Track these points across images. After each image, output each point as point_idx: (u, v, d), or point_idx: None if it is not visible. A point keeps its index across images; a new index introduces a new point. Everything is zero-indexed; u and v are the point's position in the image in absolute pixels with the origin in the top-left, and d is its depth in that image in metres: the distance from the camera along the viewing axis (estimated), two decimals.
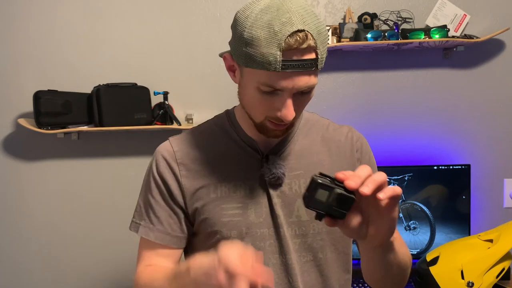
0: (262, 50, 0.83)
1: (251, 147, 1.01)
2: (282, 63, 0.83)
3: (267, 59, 0.83)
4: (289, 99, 0.87)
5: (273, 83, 0.85)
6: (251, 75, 0.88)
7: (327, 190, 0.73)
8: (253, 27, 0.84)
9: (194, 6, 1.97)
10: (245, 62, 0.87)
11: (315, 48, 0.85)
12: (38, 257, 2.03)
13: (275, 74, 0.84)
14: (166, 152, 1.03)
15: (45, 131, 1.81)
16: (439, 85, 1.99)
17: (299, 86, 0.86)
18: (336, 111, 1.99)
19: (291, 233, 1.00)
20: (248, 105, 0.94)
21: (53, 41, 1.96)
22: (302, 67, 0.84)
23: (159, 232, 1.02)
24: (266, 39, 0.83)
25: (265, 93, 0.88)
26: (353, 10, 1.94)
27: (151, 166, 1.05)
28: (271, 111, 0.90)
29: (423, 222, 1.87)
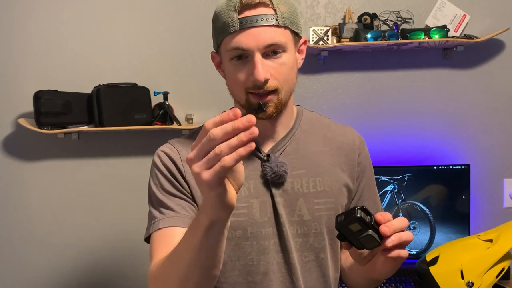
0: (223, 18, 0.91)
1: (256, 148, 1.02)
2: (239, 21, 0.89)
3: (227, 23, 0.90)
4: (257, 57, 0.90)
5: (235, 43, 0.90)
6: (223, 50, 0.94)
7: (362, 226, 0.80)
8: (217, 8, 0.94)
9: (194, 6, 1.97)
10: (216, 40, 0.94)
11: (271, 4, 0.90)
12: (39, 256, 2.03)
13: (235, 34, 0.89)
14: (170, 150, 1.03)
15: (45, 131, 1.81)
16: (439, 85, 1.99)
17: (262, 41, 0.89)
18: (336, 111, 2.00)
19: (293, 232, 1.01)
20: (231, 86, 0.97)
21: (53, 41, 1.97)
22: (259, 21, 0.89)
23: (185, 218, 0.97)
24: (225, 9, 0.91)
25: (237, 62, 0.92)
26: (353, 10, 1.94)
27: (155, 164, 1.03)
28: (247, 80, 0.92)
29: (423, 222, 1.87)
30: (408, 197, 1.87)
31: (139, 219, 2.04)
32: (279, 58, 0.92)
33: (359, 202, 1.09)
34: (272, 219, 1.00)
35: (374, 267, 0.89)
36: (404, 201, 1.87)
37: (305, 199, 1.01)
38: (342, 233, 0.83)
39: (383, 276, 0.91)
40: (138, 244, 2.05)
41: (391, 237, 0.79)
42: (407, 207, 1.87)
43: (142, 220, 2.04)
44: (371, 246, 0.81)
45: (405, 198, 1.87)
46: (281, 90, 0.94)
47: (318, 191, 1.02)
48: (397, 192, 1.86)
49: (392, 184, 1.86)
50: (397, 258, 0.82)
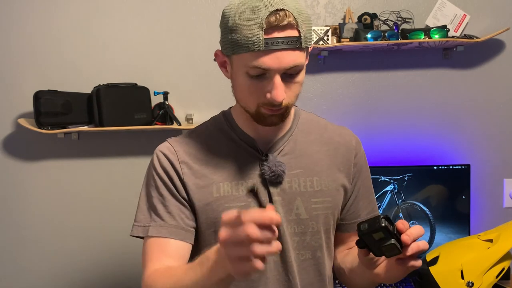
0: (245, 32, 0.87)
1: (251, 146, 1.03)
2: (265, 41, 0.86)
3: (250, 40, 0.86)
4: (277, 79, 0.89)
5: (259, 63, 0.87)
6: (239, 62, 0.91)
7: (386, 235, 0.82)
8: (236, 15, 0.88)
9: (194, 6, 1.97)
10: (231, 49, 0.90)
11: (296, 26, 0.88)
12: (38, 256, 2.03)
13: (260, 54, 0.87)
14: (167, 150, 1.03)
15: (45, 131, 1.81)
16: (439, 85, 1.99)
17: (285, 64, 0.88)
18: (336, 111, 1.99)
19: (290, 231, 1.02)
20: (241, 95, 0.96)
21: (53, 41, 1.96)
22: (285, 44, 0.87)
23: (173, 228, 1.00)
24: (248, 21, 0.86)
25: (254, 78, 0.90)
26: (353, 10, 1.94)
27: (153, 165, 1.04)
28: (261, 96, 0.91)
29: (423, 222, 1.87)
30: (408, 197, 1.87)
31: None
32: (295, 78, 0.92)
33: (355, 202, 1.11)
34: None
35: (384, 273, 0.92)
36: (404, 201, 1.87)
37: (303, 198, 1.02)
38: (364, 240, 0.85)
39: (390, 281, 0.93)
40: (138, 244, 2.04)
41: (411, 246, 0.83)
42: (407, 207, 1.87)
43: None
44: (392, 254, 0.84)
45: (405, 198, 1.86)
46: (291, 104, 0.96)
47: (316, 190, 1.03)
48: (397, 192, 1.86)
49: (392, 184, 1.86)
50: (411, 267, 0.85)
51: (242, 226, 0.68)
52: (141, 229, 1.03)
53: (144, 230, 1.01)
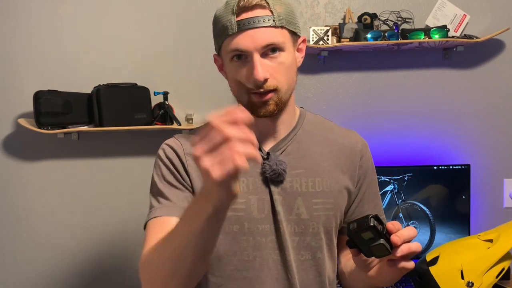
0: (222, 23, 0.95)
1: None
2: (237, 24, 0.92)
3: (225, 26, 0.94)
4: (256, 57, 0.92)
5: (234, 45, 0.93)
6: (224, 53, 0.97)
7: (375, 235, 0.81)
8: (216, 13, 0.98)
9: (194, 6, 1.97)
10: (217, 42, 0.98)
11: (268, 6, 0.93)
12: (38, 256, 2.03)
13: (234, 37, 0.93)
14: (173, 142, 1.07)
15: (45, 131, 1.81)
16: (439, 85, 1.99)
17: (260, 42, 0.92)
18: (336, 111, 1.99)
19: (290, 230, 1.02)
20: (233, 87, 1.00)
21: (53, 41, 1.96)
22: (256, 23, 0.92)
23: (176, 207, 0.99)
24: (223, 12, 0.95)
25: (237, 63, 0.95)
26: (353, 10, 1.94)
27: (159, 155, 1.06)
28: (247, 81, 0.94)
29: (423, 222, 1.87)
30: (408, 197, 1.86)
31: (139, 219, 2.04)
32: (277, 57, 0.94)
33: (359, 205, 1.10)
34: (269, 216, 1.01)
35: (377, 275, 0.92)
36: (404, 201, 1.87)
37: (304, 199, 1.02)
38: (353, 240, 0.84)
39: (385, 284, 0.93)
40: (138, 244, 2.04)
41: (401, 247, 0.82)
42: (407, 207, 1.87)
43: (142, 220, 2.05)
44: (381, 254, 0.83)
45: (405, 198, 1.86)
46: (280, 88, 0.96)
47: (317, 191, 1.03)
48: (397, 192, 1.86)
49: (392, 184, 1.86)
50: (403, 269, 0.85)
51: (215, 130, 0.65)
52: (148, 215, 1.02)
53: (151, 214, 1.01)
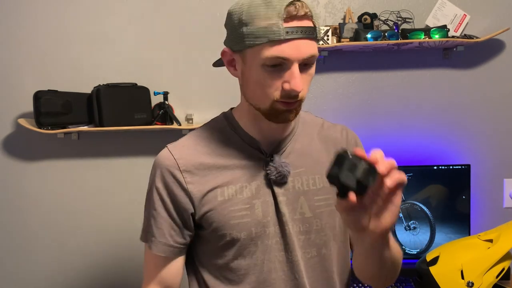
0: (264, 23, 0.87)
1: (254, 148, 1.02)
2: (285, 30, 0.86)
3: (270, 30, 0.86)
4: (296, 69, 0.89)
5: (279, 52, 0.87)
6: (254, 55, 0.90)
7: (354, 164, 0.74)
8: (251, 8, 0.88)
9: (194, 6, 1.97)
10: (246, 43, 0.89)
11: (311, 17, 0.90)
12: (38, 256, 2.03)
13: (279, 43, 0.87)
14: (168, 161, 1.01)
15: (45, 131, 1.81)
16: (439, 85, 1.99)
17: (304, 53, 0.88)
18: (336, 111, 1.99)
19: (296, 230, 1.01)
20: (255, 90, 0.94)
21: (53, 41, 1.96)
22: (304, 33, 0.88)
23: (162, 245, 1.03)
24: (266, 12, 0.86)
25: (272, 69, 0.89)
26: (353, 10, 1.94)
27: (154, 178, 1.03)
28: (279, 88, 0.91)
29: (423, 222, 1.87)
30: (408, 197, 1.87)
31: (139, 219, 2.04)
32: (308, 69, 0.93)
33: None
34: (274, 218, 1.01)
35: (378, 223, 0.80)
36: (404, 201, 1.87)
37: (306, 197, 1.02)
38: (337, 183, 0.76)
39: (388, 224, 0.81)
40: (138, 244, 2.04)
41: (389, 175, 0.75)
42: (407, 207, 1.87)
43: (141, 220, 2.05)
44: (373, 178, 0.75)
45: (405, 198, 1.86)
46: (304, 99, 0.95)
47: (318, 188, 1.03)
48: None
49: None
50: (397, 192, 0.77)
51: None
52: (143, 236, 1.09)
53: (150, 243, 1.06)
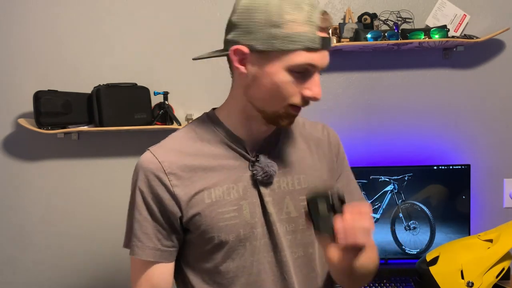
0: (301, 29, 0.87)
1: (240, 148, 1.00)
2: (320, 40, 0.88)
3: (308, 37, 0.87)
4: (318, 77, 0.92)
5: (311, 60, 0.89)
6: (282, 58, 0.89)
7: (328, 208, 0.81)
8: (282, 11, 0.87)
9: (194, 6, 1.97)
10: (280, 45, 0.88)
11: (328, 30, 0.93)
12: (38, 256, 2.03)
13: (314, 53, 0.88)
14: (152, 164, 0.99)
15: (45, 131, 1.81)
16: (439, 85, 1.99)
17: (326, 63, 0.92)
18: (336, 111, 1.99)
19: (283, 230, 1.01)
20: (269, 93, 0.92)
21: (53, 41, 1.97)
22: (329, 44, 0.91)
23: (150, 250, 0.98)
24: (303, 19, 0.87)
25: (297, 74, 0.90)
26: (353, 10, 1.94)
27: (136, 182, 1.00)
28: (298, 93, 0.92)
29: (423, 222, 1.87)
30: (408, 197, 1.87)
31: None
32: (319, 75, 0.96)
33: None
34: (261, 219, 1.00)
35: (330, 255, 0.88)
36: (404, 201, 1.87)
37: (291, 197, 1.02)
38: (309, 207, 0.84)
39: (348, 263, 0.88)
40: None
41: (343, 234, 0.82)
42: (407, 207, 1.87)
43: None
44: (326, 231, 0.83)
45: (405, 198, 1.87)
46: None
47: (303, 187, 1.03)
48: (397, 192, 1.86)
49: (392, 184, 1.86)
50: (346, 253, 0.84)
51: None
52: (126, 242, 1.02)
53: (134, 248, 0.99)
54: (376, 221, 1.88)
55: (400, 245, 1.88)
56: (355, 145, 2.00)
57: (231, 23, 0.95)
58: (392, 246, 1.88)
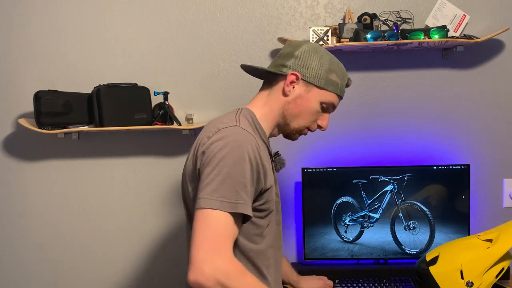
0: (339, 81, 1.28)
1: (267, 143, 1.28)
2: (344, 92, 1.32)
3: (341, 88, 1.29)
4: (329, 115, 1.33)
5: (335, 103, 1.31)
6: (319, 94, 1.26)
7: None
8: (332, 64, 1.27)
9: (194, 6, 1.97)
10: (323, 84, 1.25)
11: None
12: (38, 256, 2.03)
13: (338, 98, 1.31)
14: (252, 138, 1.15)
15: (46, 131, 1.82)
16: (439, 85, 1.99)
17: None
18: (336, 111, 1.97)
19: (279, 209, 1.33)
20: (303, 113, 1.27)
21: (53, 41, 1.97)
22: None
23: (249, 207, 1.10)
24: (342, 75, 1.30)
25: (322, 108, 1.28)
26: (353, 10, 1.94)
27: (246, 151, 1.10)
28: (315, 122, 1.30)
29: (423, 222, 1.87)
30: (408, 197, 1.87)
31: (139, 219, 2.04)
32: None
33: None
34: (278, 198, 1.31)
35: None
36: (404, 201, 1.87)
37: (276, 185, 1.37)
38: None
39: None
40: (138, 243, 2.05)
41: None
42: (407, 207, 1.87)
43: (141, 220, 2.05)
44: None
45: (405, 198, 1.87)
46: None
47: None
48: (397, 192, 1.87)
49: (392, 184, 1.86)
50: None
51: None
52: (227, 204, 1.06)
53: (232, 206, 1.06)
54: (376, 221, 1.88)
55: (400, 245, 1.88)
56: (355, 145, 2.00)
57: (293, 55, 1.26)
58: (391, 246, 1.88)
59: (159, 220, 2.02)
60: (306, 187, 1.88)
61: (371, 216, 1.87)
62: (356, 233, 1.88)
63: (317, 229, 1.88)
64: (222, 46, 1.98)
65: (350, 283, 1.79)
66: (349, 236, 1.89)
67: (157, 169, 2.00)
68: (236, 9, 1.97)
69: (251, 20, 1.97)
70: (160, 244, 2.04)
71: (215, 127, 1.16)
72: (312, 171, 1.87)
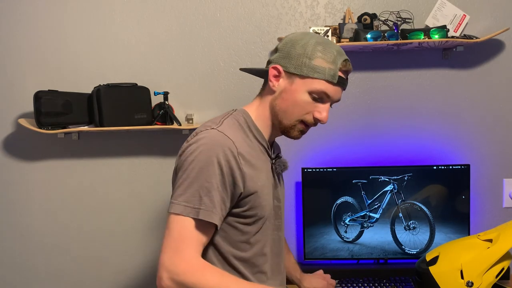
0: (325, 65, 1.14)
1: (266, 146, 1.23)
2: (338, 78, 1.16)
3: (330, 73, 1.14)
4: (328, 106, 1.19)
5: (327, 91, 1.16)
6: (304, 83, 1.15)
7: None
8: (316, 48, 1.15)
9: (194, 6, 1.97)
10: (306, 72, 1.14)
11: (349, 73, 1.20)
12: (39, 256, 2.03)
13: (330, 85, 1.15)
14: (228, 141, 1.11)
15: (46, 131, 1.82)
16: (439, 85, 1.99)
17: (338, 98, 1.20)
18: (335, 111, 1.99)
19: (280, 214, 1.29)
20: (290, 107, 1.17)
21: (53, 41, 1.97)
22: (344, 85, 1.19)
23: (215, 215, 1.08)
24: (333, 59, 1.15)
25: (313, 98, 1.16)
26: (353, 10, 1.94)
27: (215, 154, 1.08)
28: (310, 113, 1.18)
29: (423, 222, 1.87)
30: (408, 197, 1.87)
31: (139, 219, 2.04)
32: None
33: None
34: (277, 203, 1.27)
35: None
36: (404, 201, 1.87)
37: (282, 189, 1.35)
38: None
39: None
40: (138, 243, 2.05)
41: None
42: (407, 207, 1.87)
43: (141, 220, 2.05)
44: None
45: (405, 198, 1.87)
46: None
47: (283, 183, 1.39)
48: (397, 192, 1.87)
49: (392, 184, 1.86)
50: None
51: None
52: (190, 209, 1.07)
53: (194, 212, 1.07)
54: (376, 221, 1.88)
55: (400, 245, 1.88)
56: (355, 145, 2.00)
57: (276, 48, 1.21)
58: (391, 246, 1.88)
59: (159, 220, 2.02)
60: (306, 187, 1.88)
61: (371, 216, 1.87)
62: (356, 233, 1.89)
63: (317, 229, 1.88)
64: (222, 46, 1.98)
65: (350, 283, 1.79)
66: (349, 236, 1.89)
67: (157, 169, 2.00)
68: (236, 9, 1.97)
69: (251, 20, 1.97)
70: (160, 244, 2.04)
71: (198, 130, 1.17)
72: (312, 171, 1.87)
